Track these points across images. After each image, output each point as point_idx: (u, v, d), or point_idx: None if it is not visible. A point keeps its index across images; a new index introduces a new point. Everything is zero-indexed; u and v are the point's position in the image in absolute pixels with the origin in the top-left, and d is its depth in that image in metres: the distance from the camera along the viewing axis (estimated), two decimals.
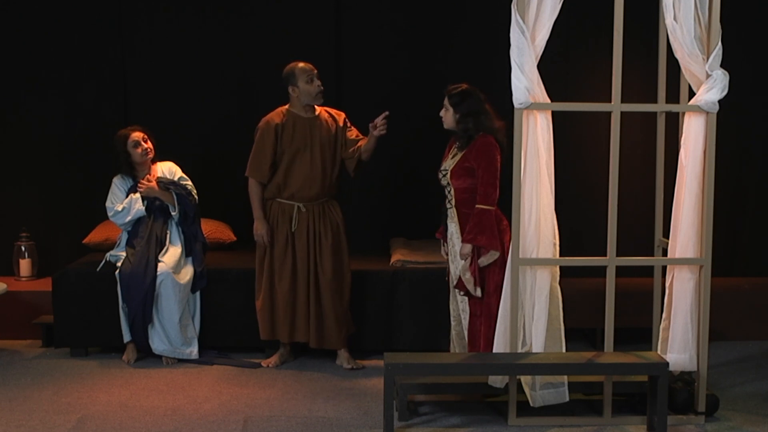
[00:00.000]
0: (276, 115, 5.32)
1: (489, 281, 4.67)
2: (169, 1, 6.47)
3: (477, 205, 4.65)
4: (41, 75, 6.44)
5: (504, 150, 4.67)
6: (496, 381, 4.54)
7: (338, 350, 5.39)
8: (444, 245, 4.92)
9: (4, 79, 6.44)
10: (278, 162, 5.30)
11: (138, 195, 5.57)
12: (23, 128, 6.49)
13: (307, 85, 5.22)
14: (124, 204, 5.58)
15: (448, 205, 4.82)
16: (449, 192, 4.79)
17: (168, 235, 5.60)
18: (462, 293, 4.74)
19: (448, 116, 4.76)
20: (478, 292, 4.66)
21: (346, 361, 5.36)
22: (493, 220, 4.64)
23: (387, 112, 5.12)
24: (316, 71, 5.25)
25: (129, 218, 5.58)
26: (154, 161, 5.69)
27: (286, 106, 5.34)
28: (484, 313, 4.67)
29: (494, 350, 4.54)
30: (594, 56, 6.24)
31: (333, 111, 5.40)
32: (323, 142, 5.28)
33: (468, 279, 4.67)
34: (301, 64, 5.26)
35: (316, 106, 5.32)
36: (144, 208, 5.56)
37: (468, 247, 4.66)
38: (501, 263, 4.62)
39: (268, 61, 6.41)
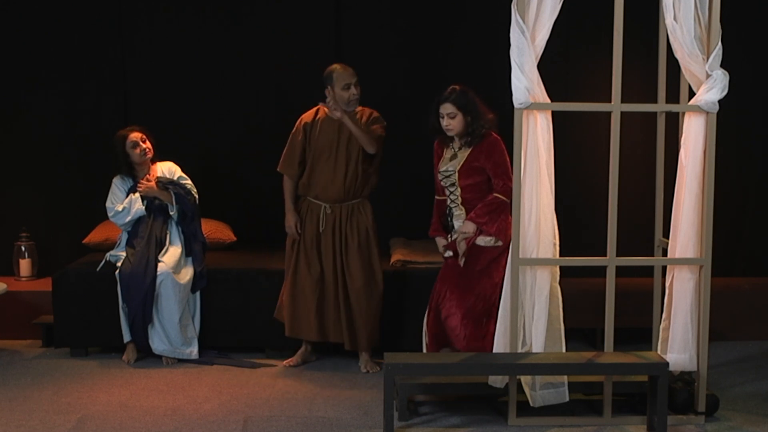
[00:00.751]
0: (309, 114, 5.33)
1: (481, 259, 4.77)
2: (169, 1, 6.47)
3: (495, 194, 4.73)
4: (41, 75, 6.44)
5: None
6: (496, 381, 4.54)
7: (360, 353, 5.38)
8: (449, 239, 4.91)
9: (4, 79, 6.45)
10: (306, 161, 5.30)
11: (138, 195, 5.58)
12: (23, 128, 6.49)
13: (343, 92, 5.18)
14: (124, 204, 5.58)
15: (452, 205, 4.84)
16: (454, 191, 4.81)
17: (168, 235, 5.60)
18: (448, 253, 4.84)
19: (457, 122, 4.76)
20: (462, 261, 4.77)
21: (364, 365, 5.34)
22: (508, 212, 4.70)
23: None
24: (355, 79, 5.20)
25: (129, 218, 5.58)
26: (154, 161, 5.69)
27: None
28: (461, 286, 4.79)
29: (494, 350, 4.55)
30: (594, 56, 6.24)
31: (368, 111, 5.34)
32: (350, 145, 5.23)
33: (462, 246, 4.77)
34: (341, 69, 5.21)
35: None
36: (144, 207, 5.56)
37: (472, 227, 4.72)
38: (503, 251, 4.67)
39: (268, 61, 6.42)
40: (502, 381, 4.51)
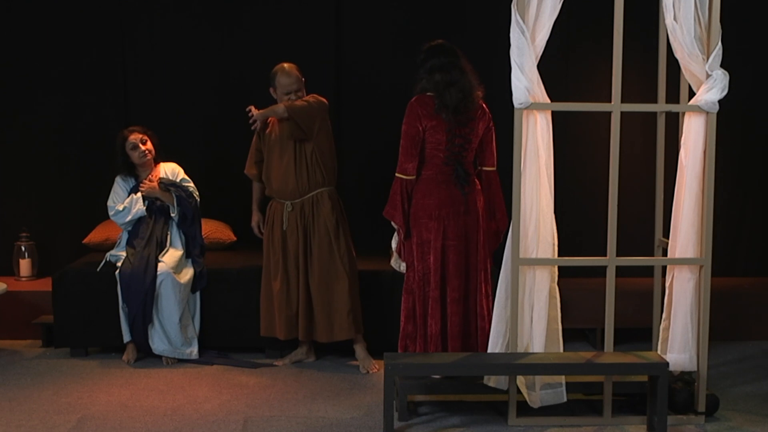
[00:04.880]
0: None
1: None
2: (170, 1, 6.48)
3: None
4: (41, 75, 6.45)
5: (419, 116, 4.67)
6: (494, 381, 4.53)
7: (354, 348, 5.39)
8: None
9: (4, 79, 6.45)
10: (264, 159, 5.40)
11: (139, 195, 5.58)
12: (23, 128, 6.49)
13: (284, 96, 5.25)
14: (125, 204, 5.59)
15: None
16: None
17: (168, 236, 5.60)
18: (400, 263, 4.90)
19: None
20: (402, 268, 4.84)
21: (362, 365, 5.35)
22: (396, 188, 4.70)
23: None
24: (296, 86, 5.23)
25: (129, 218, 5.59)
26: (157, 161, 5.70)
27: None
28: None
29: (489, 350, 4.55)
30: (594, 56, 6.24)
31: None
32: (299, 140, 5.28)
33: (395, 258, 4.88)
34: (285, 76, 5.23)
35: None
36: (145, 208, 5.57)
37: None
38: (413, 240, 4.71)
39: (268, 61, 6.38)
40: (496, 381, 4.51)
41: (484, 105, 4.75)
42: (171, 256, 5.53)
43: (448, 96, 4.59)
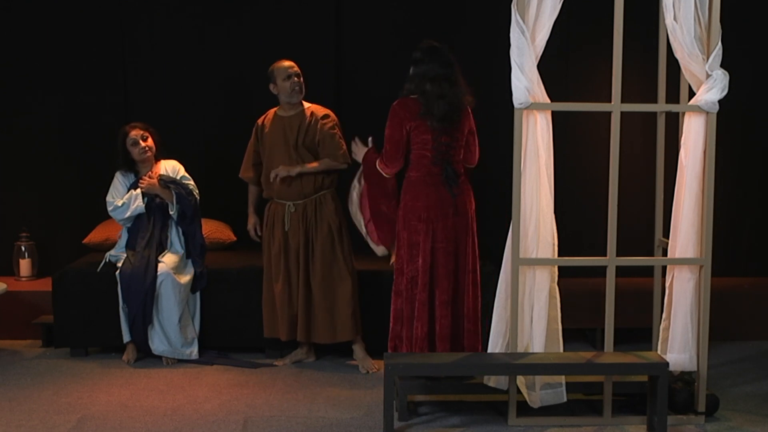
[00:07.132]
0: (262, 116, 5.44)
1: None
2: (170, 1, 6.48)
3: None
4: (41, 75, 6.45)
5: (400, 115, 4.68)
6: (494, 381, 4.53)
7: (353, 348, 5.40)
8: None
9: (4, 79, 6.45)
10: (263, 161, 5.38)
11: (139, 191, 5.58)
12: (23, 128, 6.50)
13: (284, 82, 5.27)
14: (125, 199, 5.58)
15: None
16: None
17: (168, 238, 5.60)
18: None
19: None
20: (361, 225, 4.91)
21: (361, 365, 5.36)
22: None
23: None
24: (295, 69, 5.28)
25: (128, 214, 5.58)
26: (158, 158, 5.70)
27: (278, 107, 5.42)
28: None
29: (489, 350, 4.55)
30: (594, 56, 6.24)
31: (319, 109, 5.39)
32: (299, 141, 5.29)
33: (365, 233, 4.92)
34: (283, 63, 5.30)
35: (304, 103, 5.35)
36: (144, 205, 5.57)
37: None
38: (403, 243, 4.71)
39: (268, 61, 6.38)
40: (496, 381, 4.51)
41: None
42: (171, 256, 5.53)
43: (437, 107, 4.60)
